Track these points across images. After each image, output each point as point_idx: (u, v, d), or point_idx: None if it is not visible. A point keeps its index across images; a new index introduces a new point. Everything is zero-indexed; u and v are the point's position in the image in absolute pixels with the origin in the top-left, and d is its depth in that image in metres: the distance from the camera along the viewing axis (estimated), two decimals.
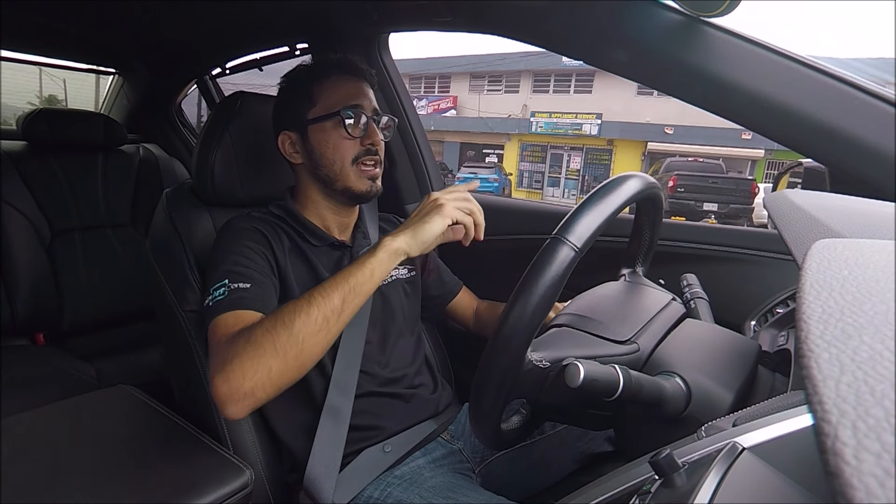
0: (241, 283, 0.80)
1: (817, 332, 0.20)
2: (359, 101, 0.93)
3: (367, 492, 0.86)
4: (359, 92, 0.94)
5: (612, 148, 18.41)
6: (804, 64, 0.69)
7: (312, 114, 0.92)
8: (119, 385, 1.00)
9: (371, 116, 0.93)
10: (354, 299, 0.75)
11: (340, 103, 0.91)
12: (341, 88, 0.93)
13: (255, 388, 0.68)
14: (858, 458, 0.14)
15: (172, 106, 2.23)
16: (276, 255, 0.89)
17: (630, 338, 0.69)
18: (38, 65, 2.10)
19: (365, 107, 0.93)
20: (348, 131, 0.91)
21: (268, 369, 0.68)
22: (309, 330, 0.71)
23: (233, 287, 0.80)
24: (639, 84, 9.38)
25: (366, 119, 0.92)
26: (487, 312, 1.18)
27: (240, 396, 0.67)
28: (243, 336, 0.71)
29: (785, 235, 0.45)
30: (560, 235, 0.56)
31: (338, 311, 0.73)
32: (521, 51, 17.17)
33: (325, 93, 0.93)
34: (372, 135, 0.92)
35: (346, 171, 0.92)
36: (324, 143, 0.92)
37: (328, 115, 0.91)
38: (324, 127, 0.92)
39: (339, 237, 0.98)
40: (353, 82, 0.94)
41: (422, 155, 1.53)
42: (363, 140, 0.92)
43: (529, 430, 0.74)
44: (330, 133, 0.91)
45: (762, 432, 0.43)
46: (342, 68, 0.95)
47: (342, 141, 0.91)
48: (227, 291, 0.79)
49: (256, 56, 1.72)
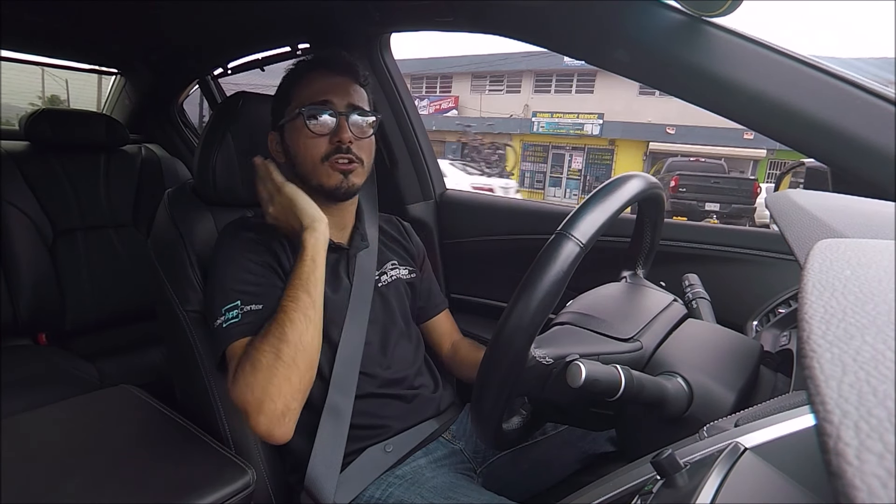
0: (254, 305, 0.82)
1: (819, 333, 0.20)
2: (327, 97, 0.90)
3: (368, 492, 0.86)
4: (329, 87, 0.91)
5: (613, 148, 18.38)
6: (806, 63, 0.69)
7: (287, 113, 0.92)
8: (121, 385, 1.00)
9: (341, 112, 0.90)
10: (315, 286, 0.82)
11: (307, 100, 0.90)
12: (312, 85, 0.91)
13: (287, 404, 0.75)
14: (861, 458, 0.14)
15: (174, 106, 2.24)
16: (279, 260, 0.89)
17: (633, 336, 0.69)
18: (40, 65, 2.11)
19: (335, 103, 0.90)
20: (310, 129, 0.88)
21: (288, 382, 0.75)
22: (299, 331, 0.78)
23: (246, 310, 0.81)
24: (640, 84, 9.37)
25: (331, 116, 0.89)
26: (467, 352, 1.11)
27: (278, 417, 0.75)
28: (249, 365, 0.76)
29: (787, 235, 0.45)
30: (565, 231, 0.56)
31: (309, 304, 0.80)
32: (523, 51, 17.15)
33: (298, 91, 0.92)
34: (340, 132, 0.89)
35: (317, 168, 0.90)
36: (294, 141, 0.91)
37: (296, 115, 0.90)
38: (294, 125, 0.90)
39: (335, 239, 0.96)
40: (326, 78, 0.91)
41: (423, 155, 1.53)
42: (332, 138, 0.89)
43: (531, 430, 0.74)
44: (298, 132, 0.90)
45: (764, 433, 0.43)
46: (321, 65, 0.93)
47: (308, 140, 0.89)
48: (240, 315, 0.81)
49: (258, 56, 1.72)
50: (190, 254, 0.95)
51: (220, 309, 0.82)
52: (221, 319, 0.81)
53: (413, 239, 1.15)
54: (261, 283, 0.85)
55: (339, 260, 0.97)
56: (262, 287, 0.84)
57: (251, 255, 0.87)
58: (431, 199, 1.56)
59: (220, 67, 1.94)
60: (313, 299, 0.81)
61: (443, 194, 1.57)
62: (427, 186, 1.55)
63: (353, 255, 0.98)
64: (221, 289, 0.84)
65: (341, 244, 0.98)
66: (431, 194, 1.56)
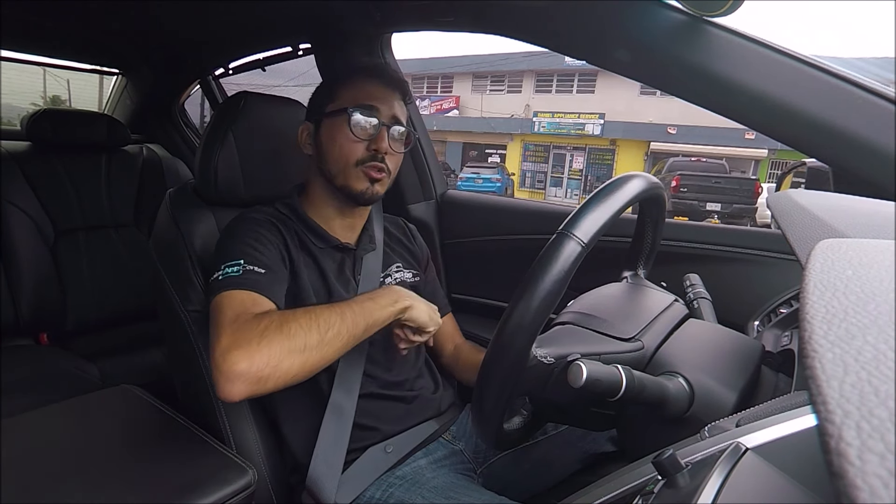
0: (257, 268, 0.80)
1: (821, 333, 0.20)
2: (374, 103, 0.90)
3: (368, 492, 0.86)
4: (377, 94, 0.91)
5: (614, 148, 18.39)
6: (807, 63, 0.69)
7: (329, 108, 0.92)
8: (122, 385, 1.00)
9: (384, 122, 0.90)
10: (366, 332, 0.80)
11: (354, 101, 0.90)
12: (360, 88, 0.92)
13: (271, 376, 0.69)
14: (862, 458, 0.14)
15: (176, 106, 2.24)
16: (289, 248, 0.89)
17: (634, 335, 0.69)
18: (41, 65, 2.11)
19: (381, 111, 0.90)
20: (353, 131, 0.88)
21: (290, 363, 0.70)
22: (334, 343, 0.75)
23: (248, 268, 0.79)
24: (642, 84, 9.36)
25: (376, 123, 0.90)
26: (469, 355, 1.10)
27: (253, 379, 0.67)
28: (274, 322, 0.72)
29: (788, 235, 0.45)
30: (567, 231, 0.56)
31: (357, 337, 0.78)
32: (524, 51, 17.15)
33: (345, 90, 0.92)
34: (379, 141, 0.89)
35: (349, 171, 0.90)
36: (331, 139, 0.91)
37: (339, 111, 0.90)
38: (334, 123, 0.90)
39: (343, 239, 0.97)
40: (375, 85, 0.92)
41: (424, 155, 1.53)
42: (369, 145, 0.89)
43: (531, 430, 0.74)
44: (337, 130, 0.90)
45: (766, 433, 0.43)
46: (371, 72, 0.94)
47: (347, 141, 0.89)
48: (241, 270, 0.79)
49: (259, 56, 1.73)
50: (191, 254, 0.95)
51: (221, 265, 0.80)
52: (219, 273, 0.79)
53: (418, 241, 1.16)
54: (265, 254, 0.83)
55: (345, 260, 0.97)
56: (266, 257, 0.83)
57: (262, 230, 0.87)
58: (432, 199, 1.56)
59: (222, 67, 1.94)
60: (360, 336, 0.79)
61: (444, 194, 1.58)
62: (428, 186, 1.55)
63: (359, 255, 0.98)
64: (226, 252, 0.82)
65: (349, 244, 0.98)
66: (432, 194, 1.56)
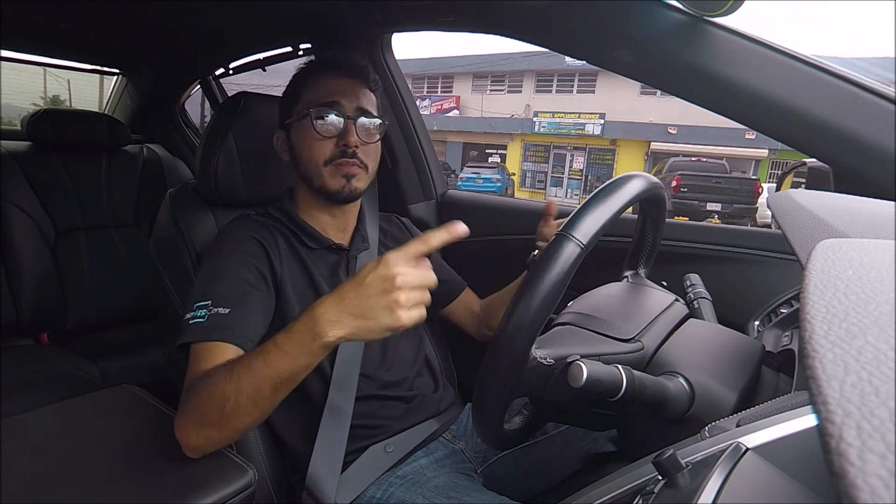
0: (222, 309, 0.77)
1: (821, 333, 0.20)
2: (336, 99, 0.89)
3: (369, 492, 0.86)
4: (339, 89, 0.90)
5: (615, 148, 18.39)
6: (808, 63, 0.69)
7: (294, 112, 0.92)
8: (123, 385, 1.00)
9: (349, 116, 0.89)
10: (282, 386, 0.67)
11: (316, 101, 0.89)
12: (322, 86, 0.90)
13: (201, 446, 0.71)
14: (863, 458, 0.14)
15: (176, 106, 2.24)
16: (272, 265, 0.87)
17: (634, 336, 0.69)
18: (42, 65, 2.11)
19: (344, 105, 0.89)
20: (318, 131, 0.88)
21: (207, 436, 0.70)
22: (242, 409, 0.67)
23: (213, 312, 0.77)
24: (642, 84, 9.35)
25: (339, 119, 0.89)
26: (487, 304, 1.15)
27: (190, 448, 0.71)
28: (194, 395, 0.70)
29: (789, 235, 0.45)
30: (566, 232, 0.56)
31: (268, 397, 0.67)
32: (524, 51, 17.16)
33: (307, 90, 0.91)
34: (347, 135, 0.88)
35: (320, 171, 0.90)
36: (300, 142, 0.90)
37: (303, 115, 0.89)
38: (300, 125, 0.90)
39: (336, 240, 0.97)
40: (337, 80, 0.91)
41: (424, 155, 1.53)
42: (337, 141, 0.89)
43: (532, 430, 0.74)
44: (305, 132, 0.89)
45: (766, 433, 0.43)
46: (332, 67, 0.92)
47: (315, 141, 0.88)
48: (207, 315, 0.77)
49: (260, 56, 1.73)
50: (191, 254, 0.95)
51: (192, 304, 0.79)
52: (189, 315, 0.78)
53: (414, 233, 1.16)
54: (237, 287, 0.81)
55: (339, 261, 0.97)
56: (237, 291, 0.81)
57: (244, 257, 0.85)
58: (433, 199, 1.56)
59: (222, 67, 1.94)
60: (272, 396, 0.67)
61: (444, 194, 1.58)
62: (428, 186, 1.55)
63: (353, 256, 0.98)
64: (202, 285, 0.82)
65: (342, 245, 0.98)
66: (433, 194, 1.56)
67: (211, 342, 0.76)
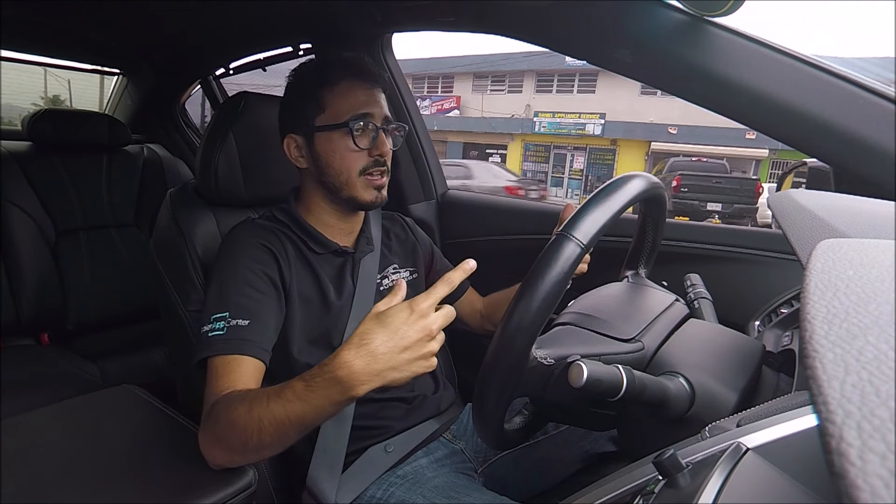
0: (241, 320, 0.78)
1: (822, 333, 0.20)
2: (369, 110, 0.88)
3: (369, 492, 0.86)
4: (370, 100, 0.89)
5: (615, 148, 18.37)
6: (808, 63, 0.69)
7: (320, 121, 0.88)
8: (123, 385, 1.00)
9: (381, 126, 0.89)
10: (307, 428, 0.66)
11: (349, 112, 0.87)
12: (351, 96, 0.88)
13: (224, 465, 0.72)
14: (863, 458, 0.14)
15: (176, 106, 2.24)
16: (281, 271, 0.87)
17: (634, 336, 0.69)
18: (42, 65, 2.11)
19: (375, 115, 0.89)
20: (356, 143, 0.87)
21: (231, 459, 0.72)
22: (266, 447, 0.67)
23: (232, 324, 0.78)
24: (642, 84, 9.33)
25: (375, 130, 0.88)
26: (493, 301, 1.15)
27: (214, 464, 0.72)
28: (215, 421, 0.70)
29: (789, 235, 0.45)
30: (566, 232, 0.56)
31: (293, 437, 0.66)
32: (525, 51, 17.14)
33: (335, 99, 0.88)
34: (381, 146, 0.89)
35: (353, 181, 0.89)
36: (330, 152, 0.88)
37: (337, 125, 0.87)
38: (331, 136, 0.88)
39: (342, 243, 0.96)
40: (363, 88, 0.89)
41: (425, 155, 1.53)
42: (371, 151, 0.88)
43: (532, 430, 0.74)
44: (337, 143, 0.88)
45: (766, 433, 0.43)
46: (353, 72, 0.90)
47: (349, 152, 0.88)
48: (226, 328, 0.77)
49: (260, 56, 1.73)
50: (192, 254, 0.95)
51: (210, 317, 0.79)
52: (208, 328, 0.78)
53: (416, 233, 1.16)
54: (253, 297, 0.81)
55: (345, 264, 0.97)
56: (254, 300, 0.81)
57: (254, 265, 0.84)
58: (433, 199, 1.56)
59: (222, 67, 1.94)
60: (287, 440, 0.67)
61: (444, 194, 1.58)
62: (429, 186, 1.55)
63: (358, 258, 0.98)
64: (217, 295, 0.82)
65: (347, 248, 0.97)
66: (433, 194, 1.56)
67: (231, 356, 0.76)
